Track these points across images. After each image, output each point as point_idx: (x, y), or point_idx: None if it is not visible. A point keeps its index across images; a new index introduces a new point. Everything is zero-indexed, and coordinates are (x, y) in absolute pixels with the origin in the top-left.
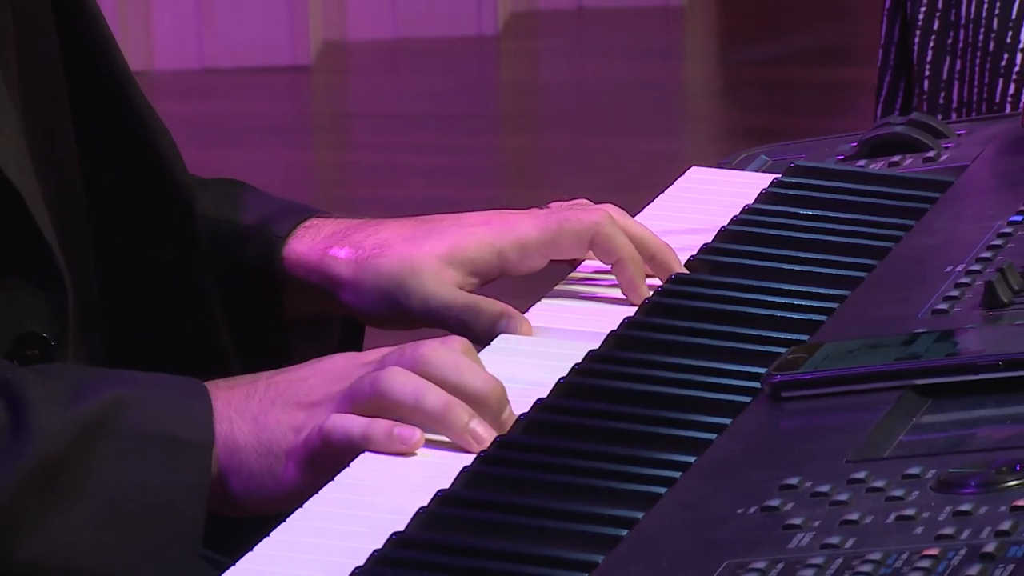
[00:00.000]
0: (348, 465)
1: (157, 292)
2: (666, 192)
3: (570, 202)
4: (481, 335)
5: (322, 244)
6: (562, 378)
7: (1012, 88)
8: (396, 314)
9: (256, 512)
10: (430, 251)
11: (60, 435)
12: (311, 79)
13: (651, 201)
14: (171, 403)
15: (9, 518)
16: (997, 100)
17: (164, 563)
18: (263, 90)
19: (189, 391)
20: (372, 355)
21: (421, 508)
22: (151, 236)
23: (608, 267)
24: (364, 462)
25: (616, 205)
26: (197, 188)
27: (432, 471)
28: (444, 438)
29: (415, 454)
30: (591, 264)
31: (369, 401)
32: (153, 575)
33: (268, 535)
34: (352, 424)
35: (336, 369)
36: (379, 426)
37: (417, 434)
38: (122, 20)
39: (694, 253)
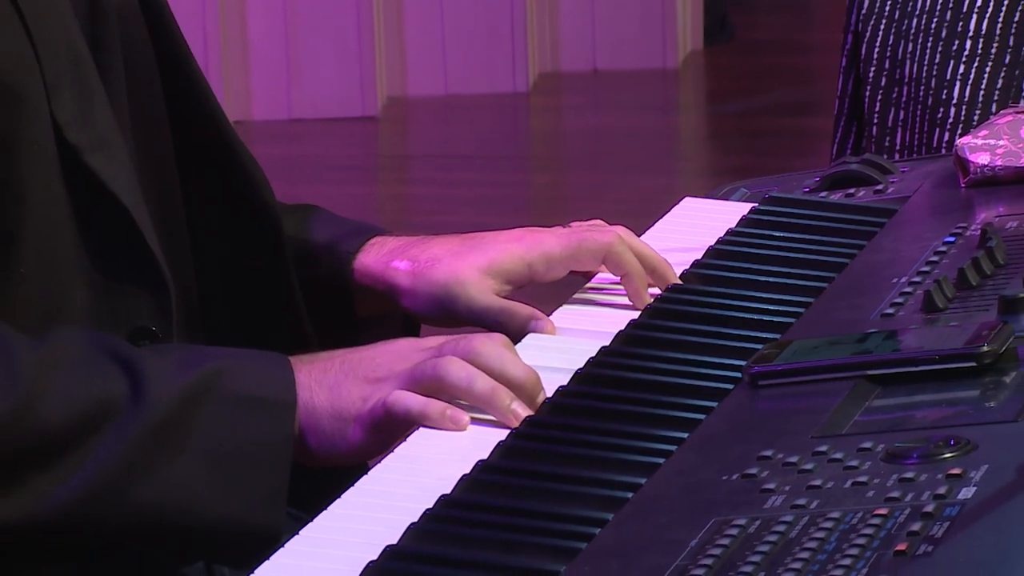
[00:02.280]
0: (405, 439)
1: (250, 294)
2: (664, 218)
3: (588, 222)
4: (514, 333)
5: (385, 258)
6: (579, 369)
7: (947, 136)
8: (445, 316)
9: (328, 464)
10: (473, 264)
11: (170, 401)
12: (378, 127)
13: (652, 225)
14: (261, 372)
15: (130, 470)
16: (935, 145)
17: (257, 505)
18: (339, 136)
19: (275, 362)
20: (430, 341)
21: (464, 475)
22: (244, 248)
23: (617, 279)
24: (418, 438)
25: (625, 227)
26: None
27: (473, 445)
28: (484, 418)
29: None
30: (603, 276)
31: (429, 382)
32: (248, 514)
33: (339, 497)
34: (412, 401)
35: (400, 351)
36: (435, 406)
37: (466, 417)
38: (226, 79)
39: (687, 267)
